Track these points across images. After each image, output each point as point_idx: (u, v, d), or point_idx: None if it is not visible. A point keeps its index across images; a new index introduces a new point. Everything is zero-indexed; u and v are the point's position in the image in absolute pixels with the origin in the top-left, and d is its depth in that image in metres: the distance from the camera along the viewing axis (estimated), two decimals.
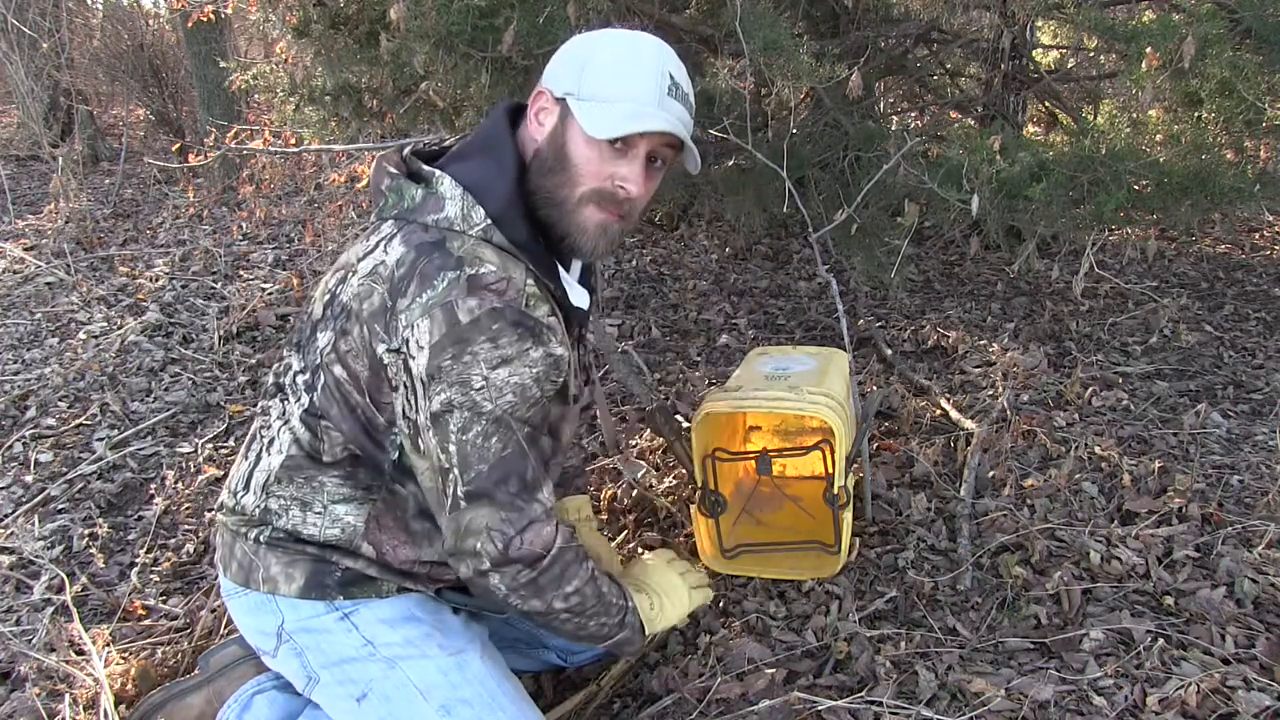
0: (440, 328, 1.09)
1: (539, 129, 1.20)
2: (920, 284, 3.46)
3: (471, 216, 1.15)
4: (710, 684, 1.47)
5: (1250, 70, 2.33)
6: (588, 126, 1.16)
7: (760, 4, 2.37)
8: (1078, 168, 2.50)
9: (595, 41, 1.21)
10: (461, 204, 1.15)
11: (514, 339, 1.11)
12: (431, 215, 1.16)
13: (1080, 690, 1.40)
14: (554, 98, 1.19)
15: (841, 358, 1.97)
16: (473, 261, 1.12)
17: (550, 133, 1.19)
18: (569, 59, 1.20)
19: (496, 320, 1.10)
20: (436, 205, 1.16)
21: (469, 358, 1.09)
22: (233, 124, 3.73)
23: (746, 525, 1.93)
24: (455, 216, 1.15)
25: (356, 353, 1.17)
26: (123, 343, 3.07)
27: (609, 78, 1.17)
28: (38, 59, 5.85)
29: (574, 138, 1.17)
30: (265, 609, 1.25)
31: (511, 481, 1.13)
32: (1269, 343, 2.88)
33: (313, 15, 2.98)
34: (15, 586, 1.89)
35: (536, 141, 1.21)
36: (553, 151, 1.19)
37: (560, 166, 1.18)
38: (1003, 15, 3.05)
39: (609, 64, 1.18)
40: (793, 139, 2.92)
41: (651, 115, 1.17)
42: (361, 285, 1.16)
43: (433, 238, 1.14)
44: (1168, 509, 1.87)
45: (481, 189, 1.17)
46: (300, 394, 1.23)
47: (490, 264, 1.12)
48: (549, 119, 1.20)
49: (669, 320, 3.23)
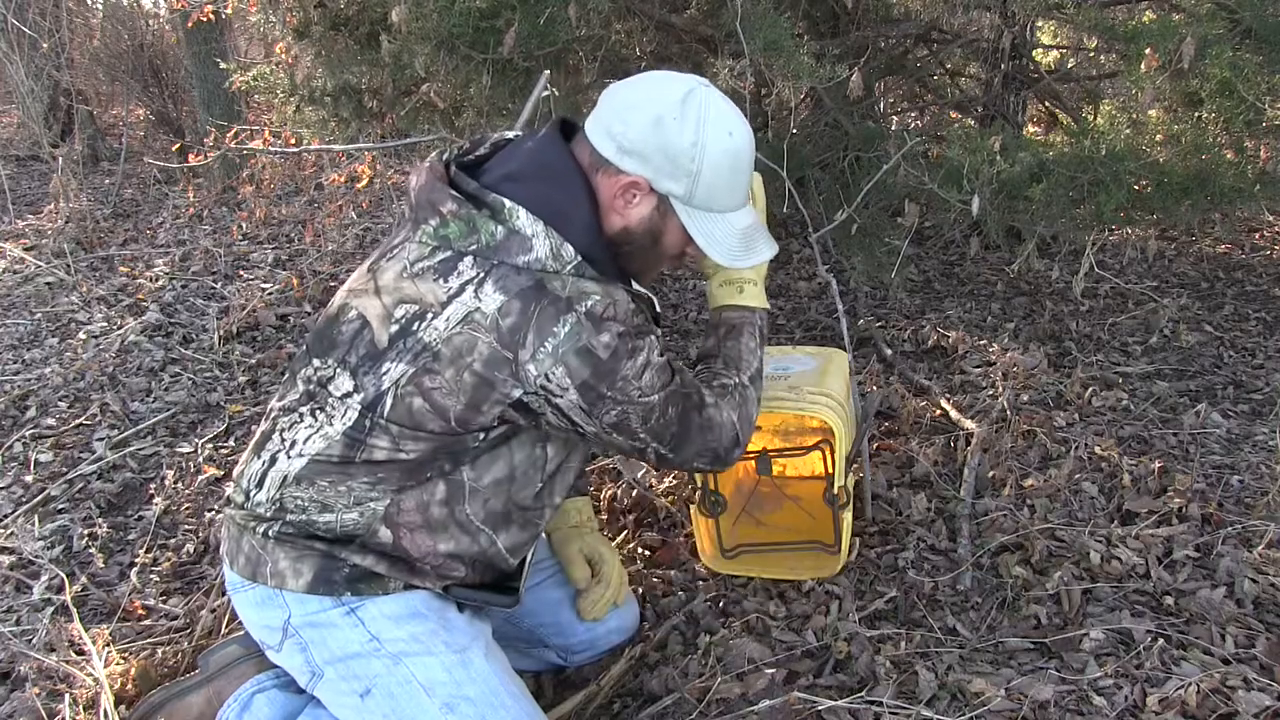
0: (584, 369, 1.15)
1: (626, 208, 1.24)
2: (920, 284, 3.46)
3: (562, 255, 1.17)
4: (710, 684, 1.47)
5: (1250, 70, 2.33)
6: (710, 251, 1.27)
7: (760, 4, 2.37)
8: (1078, 168, 2.49)
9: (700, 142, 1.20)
10: (549, 241, 1.16)
11: (640, 345, 1.19)
12: (521, 258, 1.15)
13: (1080, 690, 1.40)
14: (651, 189, 1.22)
15: (841, 358, 1.97)
16: (580, 298, 1.15)
17: (645, 220, 1.25)
18: (667, 153, 1.20)
19: (627, 342, 1.17)
20: (523, 246, 1.15)
21: (622, 382, 1.18)
22: (233, 124, 3.73)
23: (746, 525, 1.93)
24: (546, 257, 1.16)
25: (448, 391, 1.16)
26: (123, 343, 3.07)
27: (722, 192, 1.25)
28: (38, 59, 5.85)
29: (671, 234, 1.27)
30: (272, 603, 1.25)
31: (693, 418, 1.27)
32: (1269, 343, 2.88)
33: (313, 16, 2.98)
34: (15, 586, 1.89)
35: (623, 219, 1.25)
36: (648, 239, 1.27)
37: (651, 250, 1.29)
38: (1003, 15, 3.05)
39: (722, 175, 1.23)
40: (793, 139, 2.91)
41: (762, 241, 1.33)
42: (457, 334, 1.14)
43: (529, 281, 1.15)
44: (1168, 509, 1.87)
45: (561, 223, 1.18)
46: (349, 411, 1.20)
47: (595, 294, 1.16)
48: (644, 205, 1.24)
49: (669, 320, 3.23)
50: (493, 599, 1.35)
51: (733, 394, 1.35)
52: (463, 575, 1.31)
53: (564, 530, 1.61)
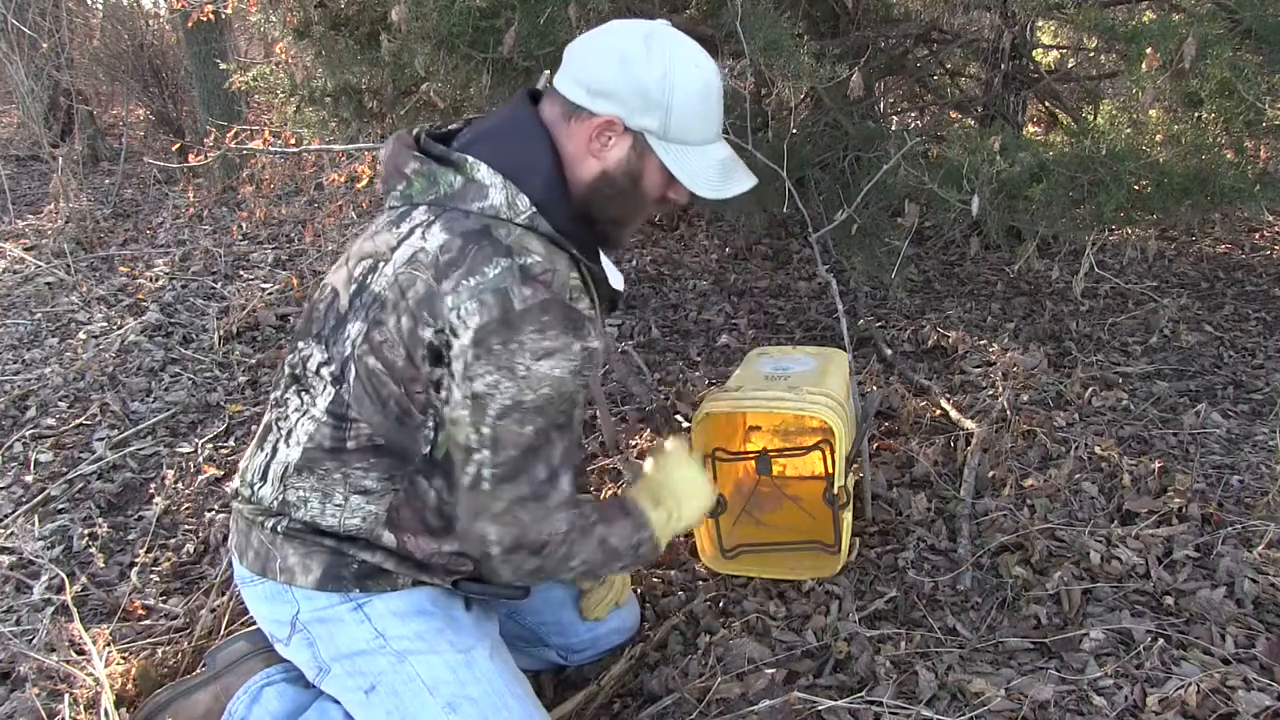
0: (492, 311, 1.10)
1: (603, 150, 1.20)
2: (920, 284, 3.46)
3: (517, 205, 1.16)
4: (710, 684, 1.47)
5: (1250, 70, 2.33)
6: (690, 183, 1.22)
7: (760, 4, 2.37)
8: (1078, 168, 2.50)
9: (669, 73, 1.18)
10: (505, 192, 1.16)
11: (559, 331, 1.12)
12: (476, 203, 1.16)
13: (1080, 690, 1.40)
14: (625, 128, 1.19)
15: (841, 358, 1.97)
16: (521, 251, 1.13)
17: (623, 161, 1.22)
18: (639, 89, 1.17)
19: (545, 313, 1.11)
20: (479, 193, 1.16)
21: (516, 345, 1.10)
22: (233, 124, 3.73)
23: (746, 525, 1.93)
24: (500, 204, 1.15)
25: (392, 343, 1.16)
26: (123, 343, 3.07)
27: (695, 122, 1.21)
28: (38, 59, 5.85)
29: (650, 173, 1.23)
30: (281, 598, 1.26)
31: (539, 470, 1.15)
32: (1269, 343, 2.88)
33: (313, 16, 2.98)
34: (15, 586, 1.89)
35: (601, 162, 1.21)
36: (627, 181, 1.23)
37: (631, 194, 1.24)
38: (1003, 15, 3.05)
39: (692, 104, 1.20)
40: (793, 139, 2.92)
41: (740, 172, 1.26)
42: (401, 274, 1.15)
43: (476, 225, 1.14)
44: (1168, 509, 1.87)
45: (521, 176, 1.17)
46: (326, 385, 1.22)
47: (537, 254, 1.14)
48: (620, 146, 1.21)
49: (669, 320, 3.23)
50: (502, 592, 1.35)
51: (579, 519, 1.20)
52: (471, 569, 1.31)
53: None
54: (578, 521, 1.20)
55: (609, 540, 1.25)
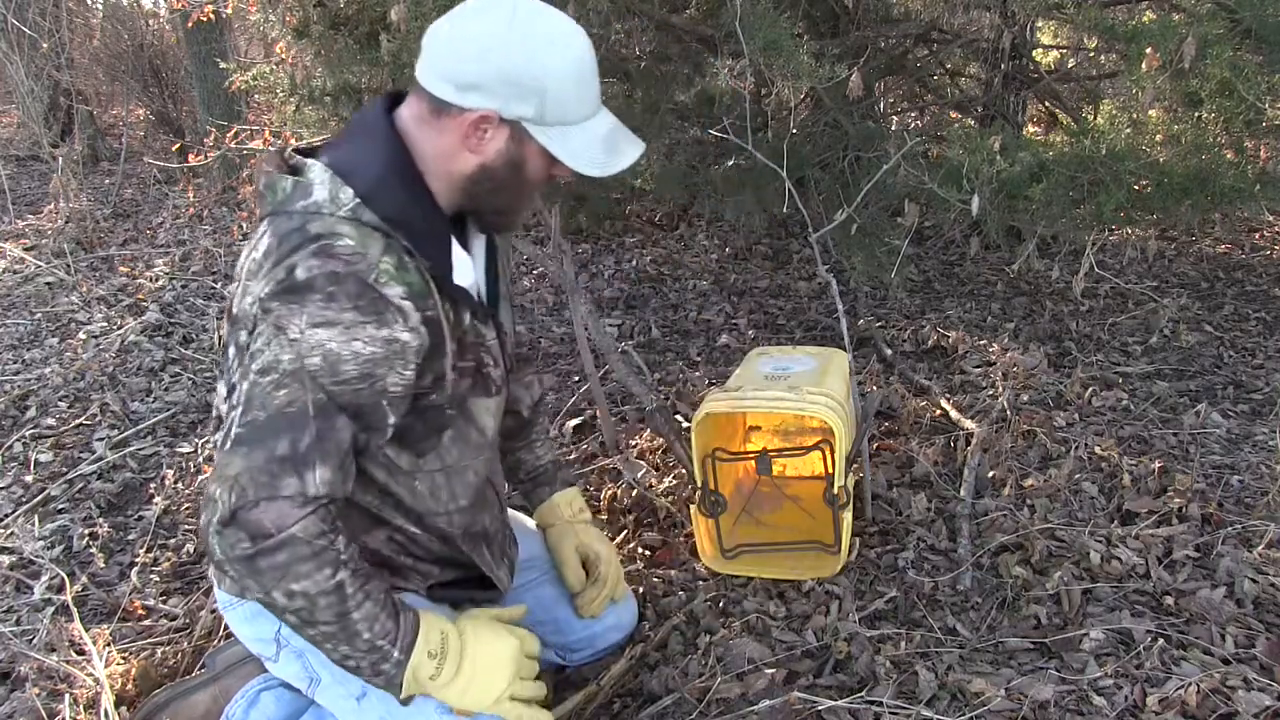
0: (274, 282, 1.06)
1: (480, 145, 1.15)
2: (920, 284, 3.46)
3: (339, 197, 1.10)
4: (710, 684, 1.47)
5: (1250, 70, 2.33)
6: (575, 164, 1.17)
7: (760, 4, 2.37)
8: (1078, 168, 2.50)
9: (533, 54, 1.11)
10: (330, 187, 1.11)
11: (348, 307, 1.06)
12: (300, 203, 1.11)
13: (1080, 690, 1.40)
14: (501, 119, 1.13)
15: (841, 358, 1.97)
16: (329, 235, 1.08)
17: (503, 153, 1.16)
18: (511, 79, 1.11)
19: (333, 283, 1.05)
20: (304, 192, 1.11)
21: (295, 307, 1.05)
22: (233, 124, 3.73)
23: (746, 525, 1.93)
24: (323, 200, 1.10)
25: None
26: (123, 343, 3.07)
27: (572, 102, 1.15)
28: (38, 59, 5.85)
29: (532, 159, 1.17)
30: (262, 616, 1.25)
31: (280, 443, 1.04)
32: (1269, 343, 2.88)
33: (313, 16, 2.98)
34: (15, 586, 1.89)
35: (480, 156, 1.16)
36: (509, 171, 1.17)
37: (514, 183, 1.19)
38: (1003, 15, 3.05)
39: (568, 86, 1.14)
40: (793, 139, 2.92)
41: (626, 141, 1.21)
42: (243, 289, 1.13)
43: (296, 223, 1.10)
44: (1168, 509, 1.87)
45: (350, 169, 1.12)
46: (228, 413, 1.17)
47: (348, 239, 1.08)
48: (498, 138, 1.15)
49: (669, 320, 3.23)
50: (476, 594, 1.36)
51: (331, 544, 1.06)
52: (439, 575, 1.32)
53: (558, 526, 1.58)
54: (318, 540, 1.05)
55: (353, 611, 1.08)
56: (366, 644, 1.11)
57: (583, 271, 3.70)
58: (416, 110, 1.16)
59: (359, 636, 1.10)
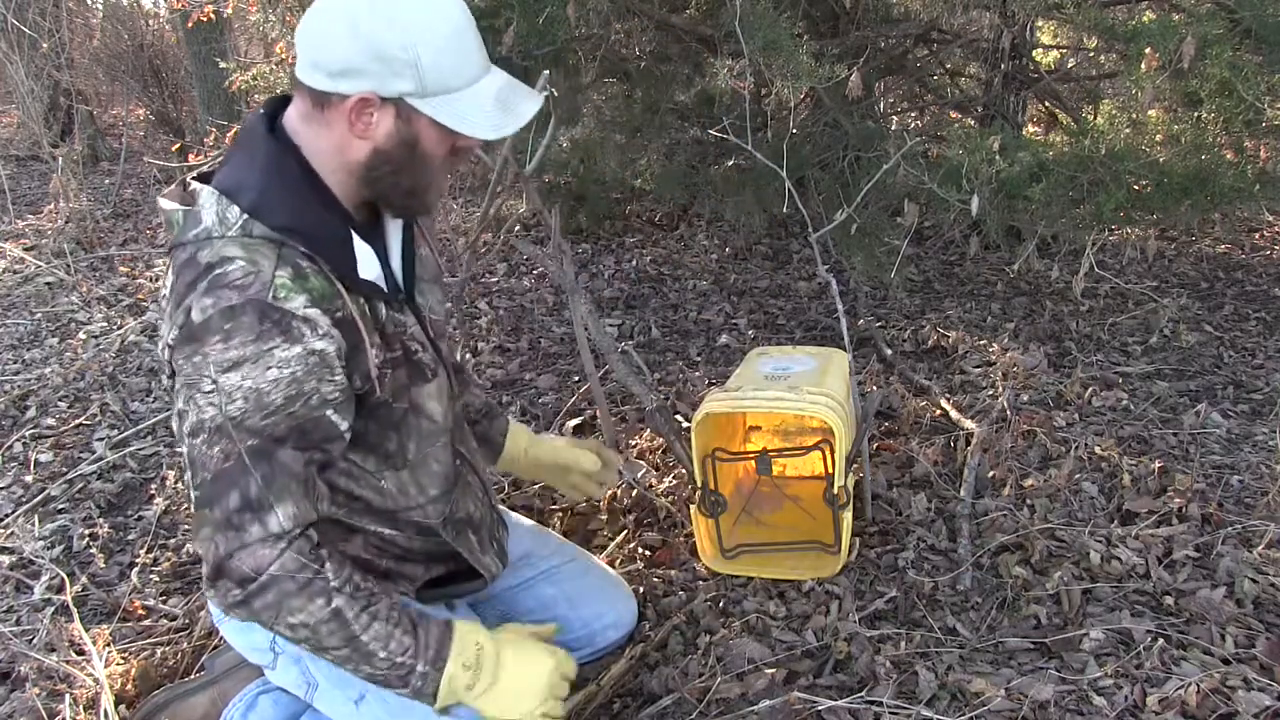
0: (176, 329, 1.04)
1: (368, 130, 1.10)
2: (920, 284, 3.46)
3: (227, 218, 1.07)
4: (710, 684, 1.47)
5: (1250, 70, 2.34)
6: (468, 129, 1.11)
7: (760, 4, 2.37)
8: (1077, 168, 2.50)
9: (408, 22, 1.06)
10: (216, 209, 1.07)
11: (250, 338, 1.02)
12: (192, 232, 1.07)
13: (1080, 690, 1.40)
14: (382, 99, 1.08)
15: (841, 358, 1.97)
16: (220, 263, 1.04)
17: (393, 134, 1.11)
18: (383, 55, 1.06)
19: (229, 320, 1.02)
20: (194, 220, 1.07)
21: (199, 359, 1.03)
22: (233, 124, 3.73)
23: (746, 525, 1.93)
24: (212, 224, 1.07)
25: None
26: (123, 343, 3.07)
27: (451, 68, 1.09)
28: (38, 59, 5.85)
29: (425, 134, 1.12)
30: (256, 626, 1.24)
31: (231, 497, 1.05)
32: (1269, 343, 2.88)
33: None
34: (15, 586, 1.89)
35: (370, 141, 1.11)
36: (404, 151, 1.12)
37: (414, 162, 1.13)
38: (1003, 15, 3.05)
39: (444, 51, 1.08)
40: (793, 139, 2.92)
41: (520, 102, 1.15)
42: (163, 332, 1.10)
43: (188, 254, 1.06)
44: (1168, 509, 1.87)
45: (235, 186, 1.08)
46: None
47: (237, 260, 1.04)
48: (384, 120, 1.10)
49: (669, 320, 3.23)
50: (462, 588, 1.36)
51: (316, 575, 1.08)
52: (424, 574, 1.32)
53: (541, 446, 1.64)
54: (300, 574, 1.07)
55: (361, 634, 1.11)
56: (385, 662, 1.12)
57: (583, 271, 3.70)
58: (301, 109, 1.12)
59: (375, 656, 1.12)
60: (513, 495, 2.06)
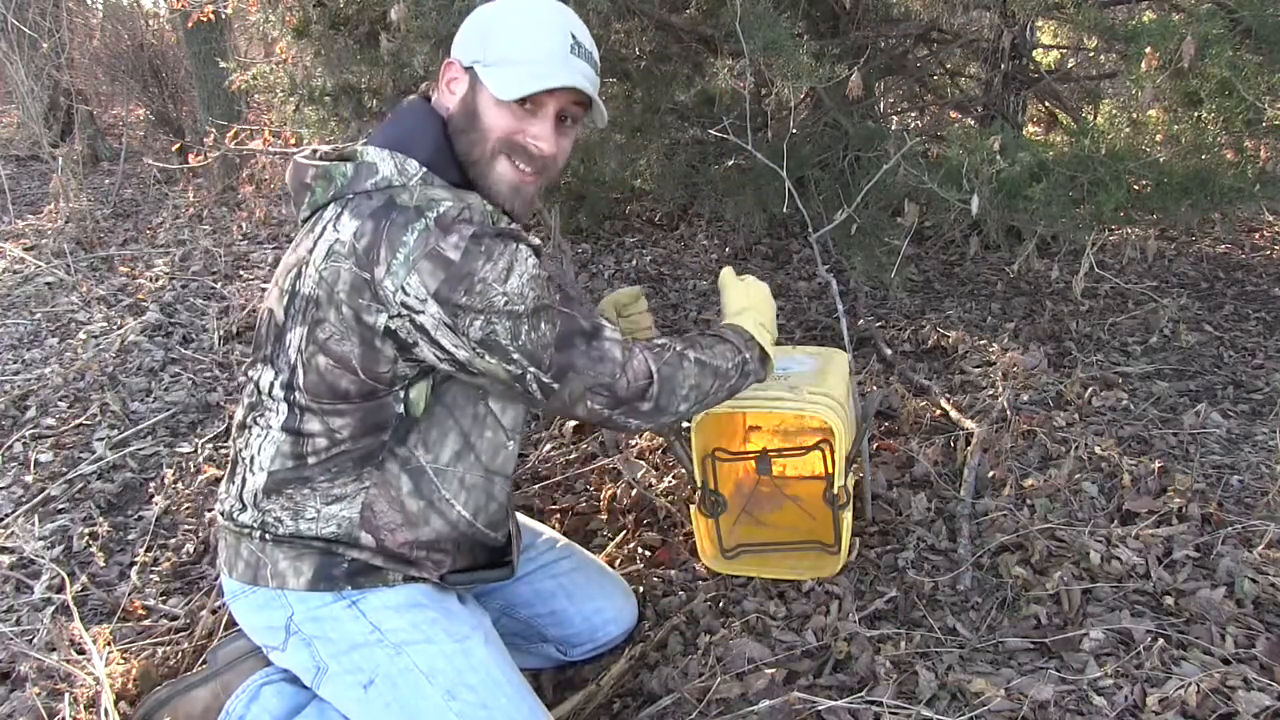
0: (437, 275, 1.12)
1: (450, 96, 1.26)
2: (920, 284, 3.46)
3: (406, 169, 1.20)
4: (710, 684, 1.47)
5: (1250, 70, 2.33)
6: (496, 89, 1.21)
7: (760, 4, 2.37)
8: (1077, 168, 2.50)
9: (497, 10, 1.25)
10: (393, 161, 1.19)
11: (502, 250, 1.15)
12: (369, 181, 1.18)
13: (1080, 690, 1.40)
14: (462, 67, 1.25)
15: (841, 358, 1.97)
16: (429, 205, 1.15)
17: (461, 99, 1.25)
18: (473, 29, 1.25)
19: (479, 243, 1.13)
20: (370, 171, 1.19)
21: (480, 285, 1.13)
22: (233, 124, 3.73)
23: (746, 525, 1.93)
24: (391, 174, 1.19)
25: (340, 335, 1.17)
26: (123, 343, 3.07)
27: (512, 42, 1.22)
28: (38, 59, 5.85)
29: (484, 101, 1.24)
30: (274, 604, 1.26)
31: (578, 342, 1.20)
32: (1269, 343, 2.88)
33: (313, 16, 2.99)
34: (15, 586, 1.89)
35: (449, 109, 1.26)
36: (464, 115, 1.25)
37: (472, 126, 1.24)
38: (1003, 15, 3.05)
39: (511, 29, 1.23)
40: (793, 139, 2.92)
41: (554, 73, 1.23)
42: (324, 270, 1.16)
43: (379, 201, 1.16)
44: (1168, 509, 1.87)
45: (406, 144, 1.22)
46: (279, 403, 1.23)
47: (445, 200, 1.17)
48: (459, 87, 1.26)
49: (669, 320, 3.23)
50: (487, 575, 1.38)
51: (662, 351, 1.29)
52: (452, 563, 1.33)
53: None
54: (664, 355, 1.28)
55: (711, 362, 1.32)
56: (734, 367, 1.36)
57: (583, 271, 3.70)
58: None
59: (725, 369, 1.35)
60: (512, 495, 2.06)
